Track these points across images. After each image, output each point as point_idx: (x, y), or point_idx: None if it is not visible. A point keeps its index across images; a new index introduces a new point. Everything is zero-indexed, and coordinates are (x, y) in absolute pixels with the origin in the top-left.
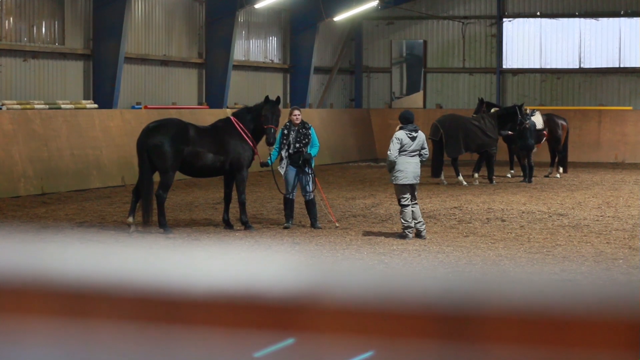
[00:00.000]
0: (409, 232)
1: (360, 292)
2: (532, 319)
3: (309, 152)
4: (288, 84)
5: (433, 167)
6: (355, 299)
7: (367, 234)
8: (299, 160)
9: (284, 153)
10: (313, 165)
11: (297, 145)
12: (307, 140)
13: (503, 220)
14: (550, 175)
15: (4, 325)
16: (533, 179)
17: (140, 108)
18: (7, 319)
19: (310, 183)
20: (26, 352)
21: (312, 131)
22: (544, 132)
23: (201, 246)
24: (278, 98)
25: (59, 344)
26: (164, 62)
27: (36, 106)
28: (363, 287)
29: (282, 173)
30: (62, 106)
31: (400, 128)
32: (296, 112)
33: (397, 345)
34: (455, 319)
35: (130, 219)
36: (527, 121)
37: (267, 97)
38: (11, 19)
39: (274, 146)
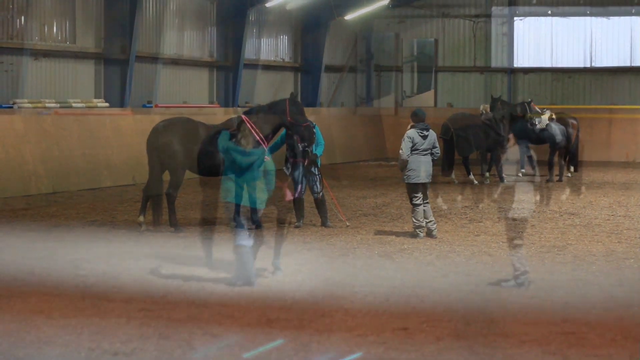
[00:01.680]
0: (420, 231)
1: (371, 290)
2: (543, 317)
3: (314, 152)
4: (299, 82)
5: (444, 166)
6: (366, 298)
7: (378, 233)
8: (304, 161)
9: (288, 154)
10: (319, 164)
11: (301, 145)
12: None
13: (514, 219)
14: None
15: (13, 324)
16: (539, 176)
17: (151, 107)
18: (17, 318)
19: (318, 183)
20: (32, 350)
21: (316, 130)
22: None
23: (212, 245)
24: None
25: (67, 341)
26: (175, 61)
27: (47, 105)
28: (374, 286)
29: (287, 174)
30: (74, 105)
31: (412, 127)
32: None
33: (407, 342)
34: (465, 317)
35: (141, 218)
36: (538, 120)
37: (292, 94)
38: (22, 18)
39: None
